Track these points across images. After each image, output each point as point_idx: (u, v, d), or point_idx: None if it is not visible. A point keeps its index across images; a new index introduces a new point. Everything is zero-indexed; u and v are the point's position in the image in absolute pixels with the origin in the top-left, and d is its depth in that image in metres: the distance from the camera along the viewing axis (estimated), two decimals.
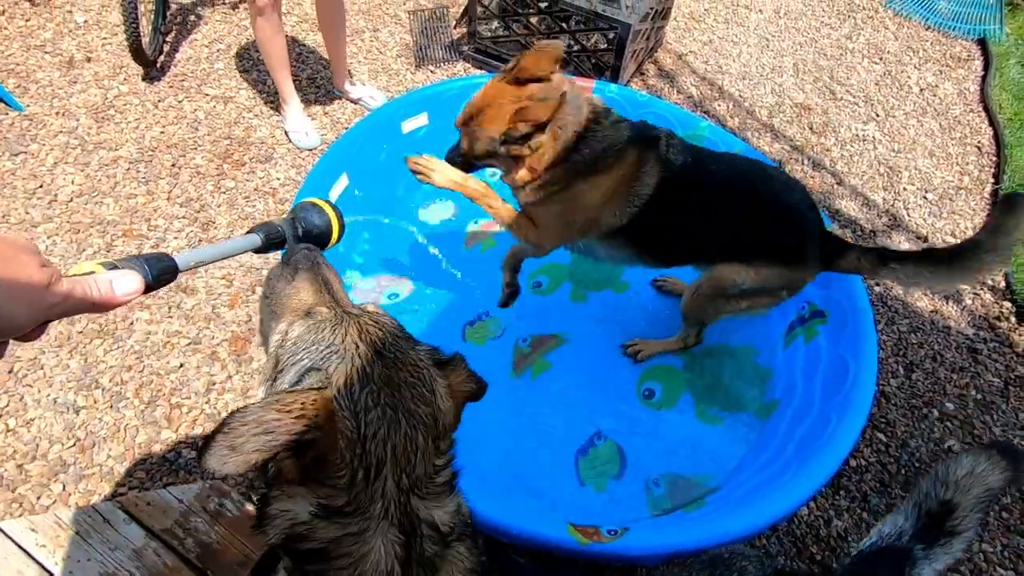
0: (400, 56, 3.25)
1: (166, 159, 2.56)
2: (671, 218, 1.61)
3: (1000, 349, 2.37)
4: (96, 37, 3.02)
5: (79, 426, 1.82)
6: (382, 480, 0.61)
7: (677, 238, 1.69)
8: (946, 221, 2.85)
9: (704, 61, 3.53)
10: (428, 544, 0.64)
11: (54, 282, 0.57)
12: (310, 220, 0.90)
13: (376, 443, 0.61)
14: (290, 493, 0.62)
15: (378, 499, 0.61)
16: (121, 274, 0.66)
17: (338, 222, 0.92)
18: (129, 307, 2.08)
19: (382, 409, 0.62)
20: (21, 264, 0.54)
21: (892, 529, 1.07)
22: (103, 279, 0.64)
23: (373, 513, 0.61)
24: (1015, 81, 3.65)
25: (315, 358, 0.65)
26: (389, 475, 0.62)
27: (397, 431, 0.62)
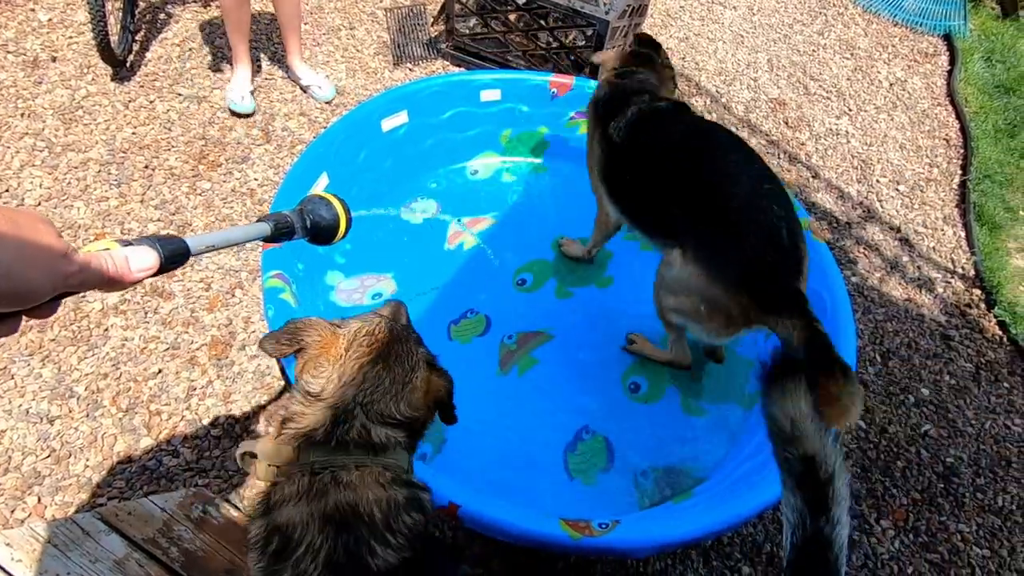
0: (378, 54, 3.22)
1: (139, 160, 2.49)
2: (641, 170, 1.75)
3: (971, 335, 2.44)
4: (61, 36, 2.93)
5: (54, 436, 1.76)
6: (346, 388, 0.86)
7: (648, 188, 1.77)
8: (917, 212, 2.92)
9: (681, 57, 3.56)
10: (353, 432, 0.85)
11: (71, 253, 0.56)
12: (318, 212, 0.91)
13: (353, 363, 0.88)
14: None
15: (337, 398, 0.86)
16: (136, 250, 0.66)
17: (345, 216, 0.94)
18: (103, 313, 2.03)
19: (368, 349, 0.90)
20: (39, 232, 0.53)
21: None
22: (119, 255, 0.64)
23: (329, 403, 0.86)
24: (979, 75, 3.76)
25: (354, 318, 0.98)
26: (351, 387, 0.87)
27: (372, 366, 0.89)
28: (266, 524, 0.81)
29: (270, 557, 0.78)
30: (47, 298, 0.55)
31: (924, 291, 2.58)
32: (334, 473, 0.82)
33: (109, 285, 0.63)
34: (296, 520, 0.78)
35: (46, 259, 0.54)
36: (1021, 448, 2.12)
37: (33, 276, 0.52)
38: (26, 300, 0.54)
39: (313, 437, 0.84)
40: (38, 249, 0.53)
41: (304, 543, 0.77)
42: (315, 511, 0.79)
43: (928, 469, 2.02)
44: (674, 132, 1.73)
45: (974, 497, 1.97)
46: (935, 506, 1.93)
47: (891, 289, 2.57)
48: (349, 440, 0.85)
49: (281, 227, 0.87)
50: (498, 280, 2.31)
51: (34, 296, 0.54)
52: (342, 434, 0.84)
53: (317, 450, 0.84)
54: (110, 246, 0.64)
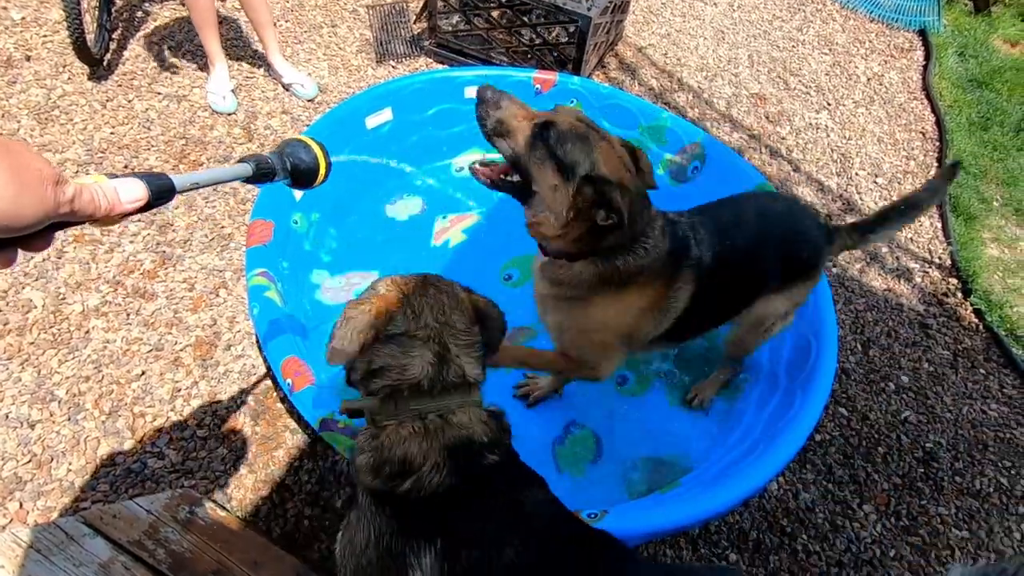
0: (360, 51, 3.20)
1: (117, 161, 2.45)
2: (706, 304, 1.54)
3: (948, 323, 2.50)
4: (35, 35, 2.87)
5: (35, 441, 1.73)
6: (422, 315, 0.96)
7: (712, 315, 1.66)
8: None
9: (663, 54, 3.59)
10: (452, 375, 0.96)
11: (62, 181, 0.56)
12: (298, 155, 0.92)
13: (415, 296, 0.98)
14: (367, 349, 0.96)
15: (422, 327, 0.95)
16: (125, 181, 0.66)
17: (325, 160, 0.95)
18: (84, 315, 2.00)
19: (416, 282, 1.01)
20: (31, 157, 0.53)
21: None
22: (108, 186, 0.64)
23: (419, 336, 0.95)
24: (953, 70, 3.84)
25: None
26: (427, 312, 0.96)
27: (428, 292, 0.99)
28: (374, 456, 0.93)
29: (385, 478, 0.91)
30: (40, 226, 0.55)
31: (902, 281, 2.64)
32: (444, 416, 0.95)
33: (100, 219, 0.63)
34: (415, 452, 0.91)
35: (38, 184, 0.53)
36: (997, 432, 2.17)
37: (26, 201, 0.52)
38: (19, 226, 0.53)
39: (420, 387, 0.93)
40: (30, 173, 0.52)
41: (427, 464, 0.91)
42: (433, 444, 0.92)
43: (908, 454, 2.06)
44: None
45: (953, 480, 2.02)
46: (916, 490, 1.98)
47: (871, 279, 2.61)
48: (450, 383, 0.95)
49: (263, 167, 0.87)
50: (484, 276, 2.31)
51: (27, 222, 0.53)
52: (444, 377, 0.95)
53: (424, 398, 0.94)
54: (98, 179, 0.64)
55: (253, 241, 1.83)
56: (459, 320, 0.99)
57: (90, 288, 2.07)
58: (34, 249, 0.58)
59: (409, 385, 0.93)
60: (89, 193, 0.60)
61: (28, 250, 0.58)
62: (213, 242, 2.28)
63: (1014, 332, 2.48)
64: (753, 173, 2.34)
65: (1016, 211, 3.05)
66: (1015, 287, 2.68)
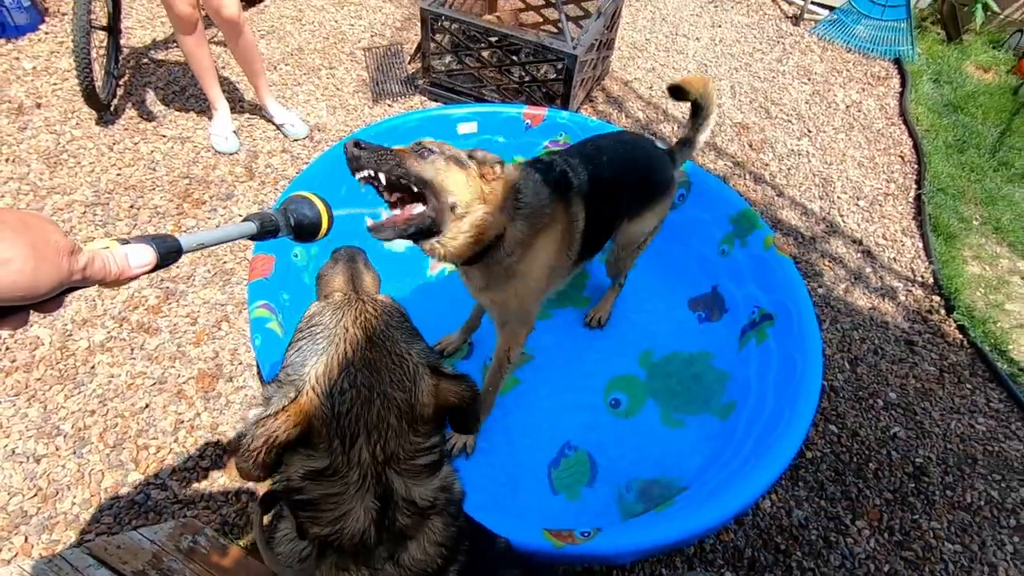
0: (357, 92, 3.34)
1: (124, 201, 2.55)
2: (596, 221, 1.77)
3: (933, 340, 2.56)
4: (46, 83, 3.00)
5: (40, 475, 1.77)
6: (357, 449, 0.71)
7: (601, 230, 1.87)
8: (877, 225, 3.07)
9: (648, 87, 3.74)
10: (401, 516, 0.75)
11: (76, 251, 0.61)
12: (301, 211, 0.94)
13: (349, 418, 0.71)
14: (287, 460, 0.73)
15: (355, 466, 0.71)
16: (135, 248, 0.70)
17: (327, 214, 0.97)
18: (89, 351, 2.06)
19: (357, 390, 0.71)
20: (48, 231, 0.58)
21: None
22: (119, 252, 0.68)
23: (351, 479, 0.71)
24: (929, 96, 3.99)
25: (309, 342, 0.75)
26: (363, 446, 0.71)
27: (370, 409, 0.71)
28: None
29: None
30: (54, 293, 0.60)
31: (887, 299, 2.70)
32: (394, 556, 0.76)
33: (110, 282, 0.68)
34: None
35: (55, 256, 0.58)
36: (986, 446, 2.21)
37: (43, 272, 0.57)
38: (36, 296, 0.58)
39: (365, 543, 0.73)
40: (47, 247, 0.57)
41: None
42: None
43: (899, 469, 2.09)
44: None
45: (944, 495, 2.05)
46: (907, 505, 2.00)
47: (856, 299, 2.68)
48: (400, 528, 0.75)
49: (266, 225, 0.90)
50: None
51: (43, 291, 0.58)
52: (391, 524, 0.74)
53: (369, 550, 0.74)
54: (110, 245, 0.69)
55: (255, 275, 1.90)
56: (406, 445, 0.74)
57: (96, 324, 2.14)
58: (45, 311, 0.63)
59: (350, 540, 0.73)
60: (101, 260, 0.65)
61: (40, 312, 0.62)
62: (215, 277, 2.35)
63: (998, 347, 2.53)
64: (736, 199, 2.43)
65: (995, 229, 3.15)
66: (997, 303, 2.75)
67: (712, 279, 2.46)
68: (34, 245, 0.56)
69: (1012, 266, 2.97)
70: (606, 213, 1.81)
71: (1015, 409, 2.34)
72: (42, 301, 0.60)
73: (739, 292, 2.34)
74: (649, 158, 1.92)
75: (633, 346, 2.30)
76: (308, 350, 0.74)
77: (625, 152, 1.85)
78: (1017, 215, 3.23)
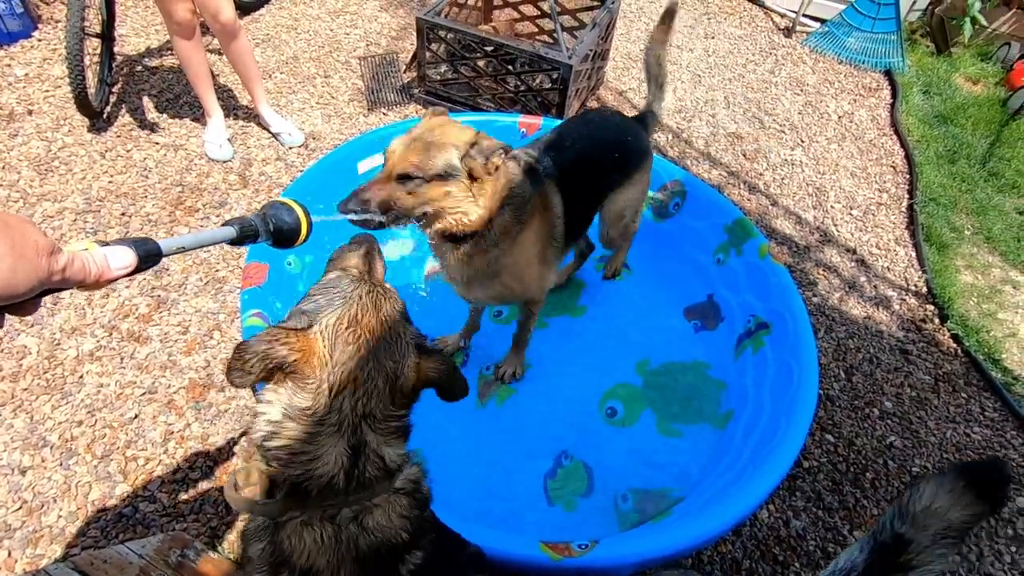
0: (352, 100, 3.33)
1: (115, 208, 2.52)
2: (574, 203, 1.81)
3: (928, 349, 2.56)
4: (37, 90, 2.98)
5: (26, 487, 1.73)
6: (341, 398, 0.77)
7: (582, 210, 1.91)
8: (871, 234, 3.09)
9: (642, 97, 3.75)
10: (371, 467, 0.80)
11: (56, 251, 0.59)
12: (280, 217, 0.95)
13: (343, 369, 0.77)
14: (271, 397, 0.77)
15: (335, 411, 0.76)
16: (115, 249, 0.69)
17: (306, 220, 0.98)
18: (78, 360, 2.02)
19: (356, 347, 0.78)
20: (27, 231, 0.56)
21: (846, 563, 0.98)
22: (99, 253, 0.67)
23: (329, 421, 0.76)
24: (919, 107, 4.03)
25: (325, 298, 0.82)
26: (347, 397, 0.77)
27: (363, 368, 0.78)
28: (272, 551, 0.79)
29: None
30: (32, 294, 0.58)
31: (881, 308, 2.71)
32: (358, 518, 0.79)
33: (89, 284, 0.66)
34: (323, 565, 0.77)
35: (34, 255, 0.56)
36: (981, 455, 2.21)
37: (21, 271, 0.55)
38: (14, 295, 0.56)
39: (333, 485, 0.77)
40: (26, 246, 0.56)
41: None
42: (345, 556, 0.78)
43: (896, 479, 2.09)
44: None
45: None
46: None
47: (850, 308, 2.69)
48: (368, 479, 0.79)
49: (246, 230, 0.90)
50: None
51: (20, 291, 0.56)
52: (360, 474, 0.78)
53: (335, 495, 0.78)
54: (89, 246, 0.67)
55: (248, 283, 1.88)
56: (383, 408, 0.80)
57: (85, 333, 2.10)
58: (22, 313, 0.61)
59: (318, 481, 0.76)
60: (80, 261, 0.64)
61: (16, 314, 0.61)
62: (207, 285, 2.32)
63: (992, 356, 2.54)
64: (731, 208, 2.44)
65: (987, 239, 3.17)
66: (990, 312, 2.77)
67: (708, 288, 2.46)
68: (13, 243, 0.55)
69: (1004, 275, 2.99)
70: (584, 193, 1.85)
71: (1010, 418, 2.34)
72: (19, 303, 0.59)
73: (735, 301, 2.34)
74: (619, 130, 1.95)
75: (629, 355, 2.29)
76: (323, 303, 0.81)
77: (592, 131, 1.88)
78: (1008, 225, 3.26)
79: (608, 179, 1.95)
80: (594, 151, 1.87)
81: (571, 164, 1.77)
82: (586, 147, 1.84)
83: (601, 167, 1.90)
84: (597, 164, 1.88)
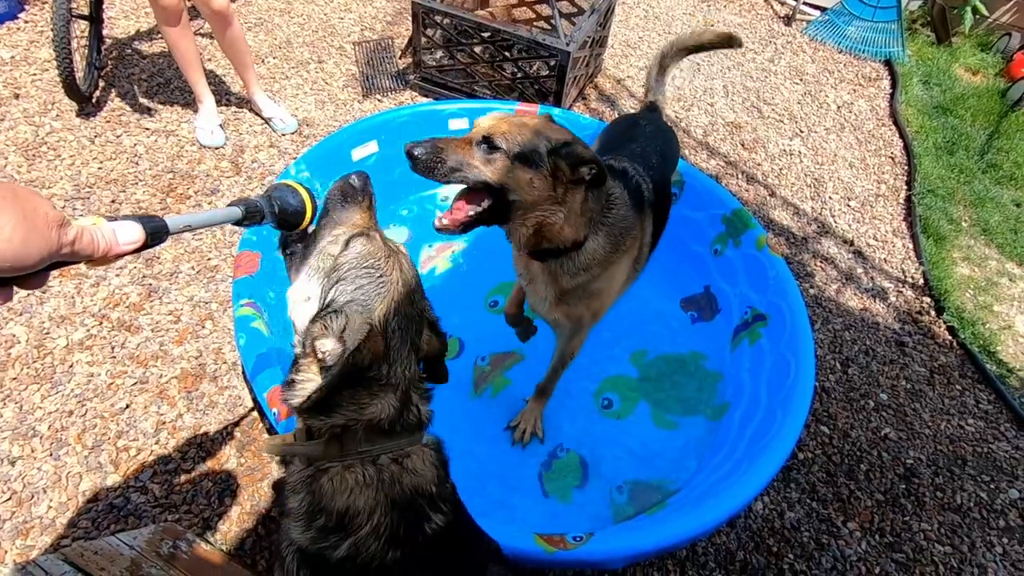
0: (347, 86, 3.28)
1: (105, 195, 2.48)
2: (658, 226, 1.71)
3: (924, 341, 2.56)
4: (24, 73, 2.92)
5: (15, 478, 1.71)
6: (395, 368, 0.86)
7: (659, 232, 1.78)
8: (868, 226, 3.07)
9: (641, 85, 3.71)
10: (411, 416, 0.89)
11: (66, 223, 0.59)
12: (285, 199, 0.94)
13: (394, 352, 0.86)
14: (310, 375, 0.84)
15: (393, 379, 0.86)
16: (123, 224, 0.69)
17: (311, 203, 0.97)
18: (68, 350, 2.00)
19: (400, 332, 0.87)
20: (37, 201, 0.56)
21: None
22: (107, 228, 0.67)
23: (391, 383, 0.86)
24: (919, 97, 4.01)
25: (369, 285, 0.87)
26: (399, 368, 0.87)
27: (405, 346, 0.88)
28: (310, 501, 0.83)
29: (319, 531, 0.82)
30: (42, 266, 0.58)
31: (878, 300, 2.71)
32: (398, 460, 0.87)
33: (97, 259, 0.66)
34: (360, 506, 0.82)
35: (44, 227, 0.56)
36: (975, 447, 2.21)
37: (32, 242, 0.55)
38: (24, 266, 0.56)
39: (379, 426, 0.84)
40: (37, 218, 0.55)
41: (369, 525, 0.82)
42: (382, 498, 0.83)
43: (890, 471, 2.09)
44: None
45: (934, 496, 2.05)
46: (898, 506, 2.00)
47: (847, 300, 2.68)
48: (410, 424, 0.88)
49: (251, 211, 0.90)
50: (470, 303, 2.34)
51: (31, 262, 0.56)
52: (405, 419, 0.87)
53: (382, 436, 0.85)
54: (97, 221, 0.67)
55: (240, 272, 1.85)
56: (417, 375, 0.93)
57: (75, 322, 2.07)
58: (29, 286, 0.61)
59: (366, 424, 0.84)
60: (89, 235, 0.63)
61: (23, 287, 0.60)
62: (200, 274, 2.29)
63: (987, 348, 2.54)
64: (729, 199, 2.42)
65: (984, 231, 3.16)
66: (986, 304, 2.77)
67: (705, 279, 2.45)
68: (24, 214, 0.54)
69: (1000, 268, 2.99)
70: (664, 211, 1.75)
71: (1004, 410, 2.35)
72: (26, 275, 0.58)
73: (732, 292, 2.33)
74: (672, 142, 1.89)
75: (625, 346, 2.28)
76: (371, 291, 0.86)
77: (660, 146, 1.80)
78: (1005, 217, 3.25)
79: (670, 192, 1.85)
80: (669, 165, 1.79)
81: (660, 183, 1.65)
82: (663, 162, 1.73)
83: (670, 182, 1.82)
84: (669, 179, 1.81)
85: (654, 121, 1.93)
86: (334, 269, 0.88)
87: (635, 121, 1.92)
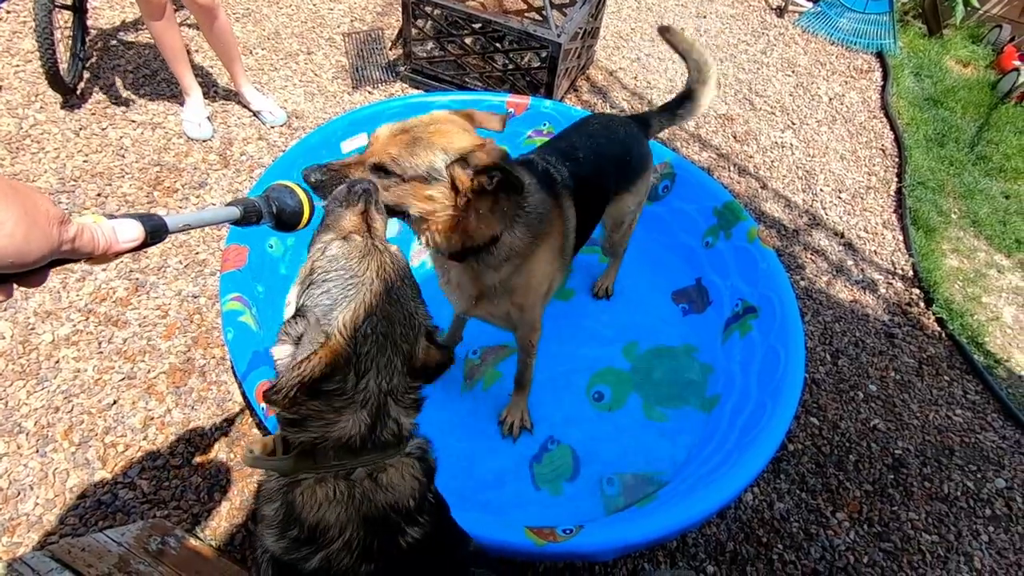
0: (336, 78, 3.25)
1: (91, 188, 2.45)
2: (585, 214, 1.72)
3: (913, 332, 2.58)
4: (7, 64, 2.87)
5: (1, 475, 1.69)
6: (366, 381, 0.80)
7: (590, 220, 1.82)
8: (859, 218, 3.08)
9: (633, 77, 3.70)
10: (386, 434, 0.83)
11: (66, 220, 0.59)
12: (283, 200, 0.94)
13: (367, 359, 0.79)
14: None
15: (360, 392, 0.79)
16: (123, 222, 0.69)
17: (309, 205, 0.97)
18: (54, 345, 1.97)
19: (375, 336, 0.80)
20: (37, 198, 0.56)
21: None
22: (107, 226, 0.66)
23: (356, 399, 0.79)
24: (910, 89, 4.01)
25: (336, 288, 0.81)
26: (372, 380, 0.80)
27: (383, 354, 0.81)
28: (285, 511, 0.81)
29: (291, 541, 0.80)
30: (42, 263, 0.57)
31: (868, 292, 2.72)
32: (373, 476, 0.83)
33: (97, 257, 0.65)
34: (331, 521, 0.79)
35: (45, 223, 0.56)
36: (963, 437, 2.24)
37: (34, 239, 0.54)
38: (25, 263, 0.55)
39: (350, 445, 0.80)
40: (38, 214, 0.55)
41: (341, 540, 0.79)
42: (354, 515, 0.80)
43: (879, 461, 2.11)
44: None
45: (922, 486, 2.07)
46: (886, 496, 2.02)
47: (837, 291, 2.69)
48: (385, 440, 0.82)
49: (250, 211, 0.91)
50: None
51: (32, 259, 0.55)
52: (378, 436, 0.82)
53: (351, 454, 0.80)
54: (96, 219, 0.66)
55: (227, 266, 1.83)
56: (403, 384, 0.84)
57: (60, 317, 2.05)
58: (30, 284, 0.60)
59: (335, 442, 0.79)
60: (89, 232, 0.63)
61: (24, 285, 0.60)
62: (187, 268, 2.27)
63: (975, 339, 2.56)
64: (721, 191, 2.42)
65: (973, 223, 3.18)
66: (974, 296, 2.79)
67: (696, 271, 2.45)
68: (25, 210, 0.54)
69: (989, 259, 3.01)
70: (593, 204, 1.77)
71: (991, 400, 2.37)
72: (27, 272, 0.58)
73: (723, 284, 2.33)
74: (624, 139, 1.88)
75: (617, 338, 2.28)
76: (337, 294, 0.80)
77: (599, 141, 1.81)
78: (994, 209, 3.27)
79: (615, 187, 1.87)
80: (606, 161, 1.79)
81: (586, 175, 1.67)
82: (598, 157, 1.76)
83: (611, 176, 1.82)
84: (608, 175, 1.80)
85: (608, 122, 1.91)
86: (309, 273, 0.84)
87: (585, 120, 1.94)
